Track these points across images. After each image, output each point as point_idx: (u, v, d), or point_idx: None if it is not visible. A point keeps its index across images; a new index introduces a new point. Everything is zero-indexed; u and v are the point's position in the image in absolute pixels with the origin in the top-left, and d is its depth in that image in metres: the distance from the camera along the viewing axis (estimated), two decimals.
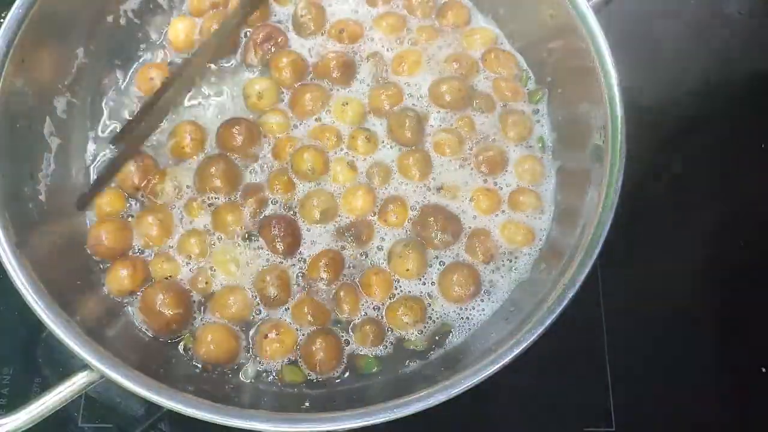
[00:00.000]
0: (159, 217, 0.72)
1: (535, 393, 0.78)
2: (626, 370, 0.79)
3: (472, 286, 0.70)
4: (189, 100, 0.78)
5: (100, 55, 0.78)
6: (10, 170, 0.65)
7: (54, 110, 0.72)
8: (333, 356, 0.67)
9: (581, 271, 0.61)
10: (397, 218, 0.73)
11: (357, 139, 0.75)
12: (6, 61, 0.63)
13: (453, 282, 0.70)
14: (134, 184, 0.73)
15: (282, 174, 0.74)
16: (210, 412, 0.56)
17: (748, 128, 0.92)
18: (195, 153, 0.75)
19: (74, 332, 0.58)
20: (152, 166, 0.74)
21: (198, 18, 0.81)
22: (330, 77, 0.78)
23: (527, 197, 0.74)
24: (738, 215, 0.88)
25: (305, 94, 0.77)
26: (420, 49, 0.80)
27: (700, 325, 0.83)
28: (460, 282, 0.70)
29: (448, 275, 0.71)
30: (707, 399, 0.80)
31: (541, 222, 0.75)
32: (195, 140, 0.75)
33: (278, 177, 0.74)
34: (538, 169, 0.76)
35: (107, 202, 0.73)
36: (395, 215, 0.73)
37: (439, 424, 0.73)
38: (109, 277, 0.70)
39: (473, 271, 0.71)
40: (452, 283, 0.70)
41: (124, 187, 0.74)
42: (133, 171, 0.73)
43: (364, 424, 0.56)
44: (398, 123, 0.76)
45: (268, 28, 0.80)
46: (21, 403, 0.56)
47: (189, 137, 0.75)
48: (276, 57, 0.78)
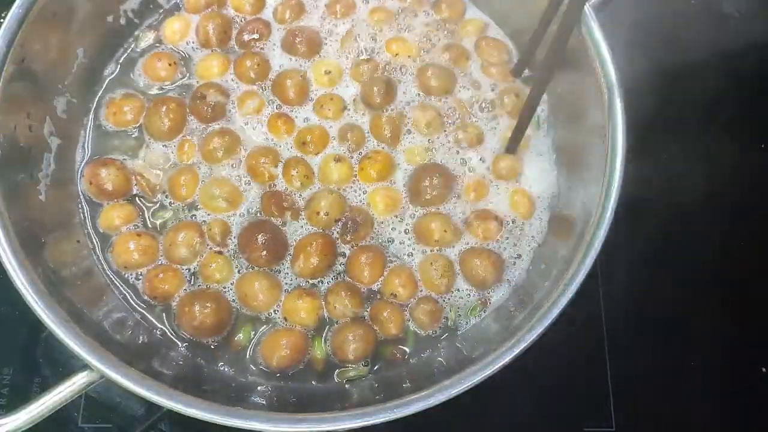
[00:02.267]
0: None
1: (535, 393, 0.78)
2: (626, 370, 0.79)
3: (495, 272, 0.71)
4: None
5: (100, 55, 0.78)
6: (10, 170, 0.65)
7: (54, 110, 0.73)
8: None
9: (581, 271, 0.61)
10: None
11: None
12: (6, 61, 0.63)
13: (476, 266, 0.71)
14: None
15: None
16: (210, 412, 0.56)
17: (749, 128, 0.92)
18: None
19: (74, 332, 0.58)
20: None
21: (194, 15, 0.82)
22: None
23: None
24: (738, 215, 0.87)
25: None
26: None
27: (700, 325, 0.83)
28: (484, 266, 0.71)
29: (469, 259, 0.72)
30: (707, 399, 0.80)
31: (538, 224, 0.75)
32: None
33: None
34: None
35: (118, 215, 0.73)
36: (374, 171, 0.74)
37: (439, 424, 0.73)
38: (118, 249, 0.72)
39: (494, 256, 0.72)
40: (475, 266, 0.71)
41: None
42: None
43: (364, 424, 0.56)
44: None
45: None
46: (21, 403, 0.56)
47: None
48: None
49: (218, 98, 0.76)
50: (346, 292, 0.70)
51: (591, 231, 0.62)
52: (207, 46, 0.80)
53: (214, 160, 0.75)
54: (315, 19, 0.82)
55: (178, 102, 0.77)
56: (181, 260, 0.71)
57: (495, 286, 0.72)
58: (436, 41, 0.81)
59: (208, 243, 0.72)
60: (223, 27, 0.80)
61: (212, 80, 0.79)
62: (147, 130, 0.76)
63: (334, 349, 0.69)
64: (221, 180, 0.74)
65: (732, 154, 0.89)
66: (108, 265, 0.72)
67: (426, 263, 0.72)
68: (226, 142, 0.75)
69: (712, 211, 0.87)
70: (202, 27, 0.80)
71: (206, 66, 0.79)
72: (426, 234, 0.72)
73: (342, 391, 0.68)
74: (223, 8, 0.82)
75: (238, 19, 0.82)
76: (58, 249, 0.67)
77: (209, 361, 0.69)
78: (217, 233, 0.72)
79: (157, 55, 0.79)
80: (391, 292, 0.71)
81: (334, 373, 0.69)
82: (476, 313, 0.71)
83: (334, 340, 0.69)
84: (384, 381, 0.68)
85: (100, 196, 0.73)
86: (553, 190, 0.76)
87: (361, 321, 0.70)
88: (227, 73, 0.79)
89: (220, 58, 0.80)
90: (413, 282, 0.71)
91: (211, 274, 0.71)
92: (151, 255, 0.72)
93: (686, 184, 0.88)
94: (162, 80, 0.79)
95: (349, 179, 0.75)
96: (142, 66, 0.79)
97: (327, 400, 0.66)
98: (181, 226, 0.72)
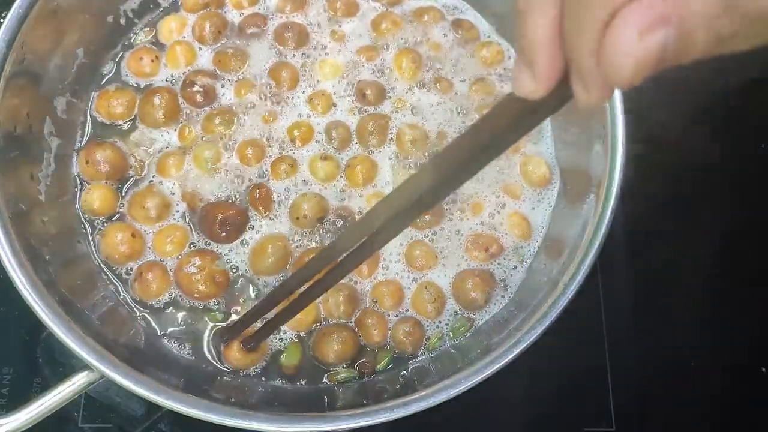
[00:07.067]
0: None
1: (535, 393, 0.78)
2: (626, 370, 0.79)
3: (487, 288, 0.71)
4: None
5: (100, 55, 0.78)
6: (10, 170, 0.65)
7: (54, 110, 0.72)
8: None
9: (581, 270, 0.61)
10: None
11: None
12: (6, 61, 0.63)
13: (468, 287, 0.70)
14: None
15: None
16: (210, 411, 0.56)
17: (748, 128, 0.92)
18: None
19: (74, 332, 0.58)
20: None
21: (191, 14, 0.82)
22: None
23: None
24: (738, 215, 0.87)
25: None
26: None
27: (701, 325, 0.82)
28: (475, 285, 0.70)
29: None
30: (707, 399, 0.80)
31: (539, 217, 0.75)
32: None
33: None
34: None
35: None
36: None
37: (439, 424, 0.73)
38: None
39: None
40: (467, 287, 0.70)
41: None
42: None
43: (364, 424, 0.56)
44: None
45: None
46: (21, 403, 0.56)
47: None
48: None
49: (207, 81, 0.77)
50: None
51: (591, 231, 0.62)
52: (202, 43, 0.81)
53: (217, 133, 0.76)
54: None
55: (169, 90, 0.77)
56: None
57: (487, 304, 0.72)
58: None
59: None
60: (219, 26, 0.81)
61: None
62: (142, 121, 0.77)
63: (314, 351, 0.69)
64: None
65: (733, 151, 0.89)
66: (109, 267, 0.72)
67: (420, 287, 0.71)
68: (225, 118, 0.76)
69: (712, 211, 0.87)
70: (198, 26, 0.81)
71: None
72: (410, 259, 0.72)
73: (336, 393, 0.68)
74: (221, 8, 0.82)
75: (236, 15, 0.82)
76: (59, 249, 0.67)
77: (209, 361, 0.69)
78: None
79: (138, 52, 0.80)
80: (374, 299, 0.70)
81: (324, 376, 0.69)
82: (461, 333, 0.70)
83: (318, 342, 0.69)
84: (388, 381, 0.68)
85: (96, 177, 0.73)
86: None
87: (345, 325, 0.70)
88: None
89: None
90: (400, 295, 0.71)
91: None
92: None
93: (686, 181, 0.88)
94: (147, 76, 0.79)
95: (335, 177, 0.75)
96: (127, 64, 0.80)
97: (326, 400, 0.66)
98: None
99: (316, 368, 0.69)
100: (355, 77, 0.79)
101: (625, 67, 0.26)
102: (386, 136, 0.76)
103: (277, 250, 0.71)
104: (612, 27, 0.26)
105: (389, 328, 0.70)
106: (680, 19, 0.26)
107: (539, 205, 0.75)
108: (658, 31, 0.26)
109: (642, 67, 0.26)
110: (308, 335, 0.70)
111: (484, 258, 0.72)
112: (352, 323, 0.70)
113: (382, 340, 0.69)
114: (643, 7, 0.26)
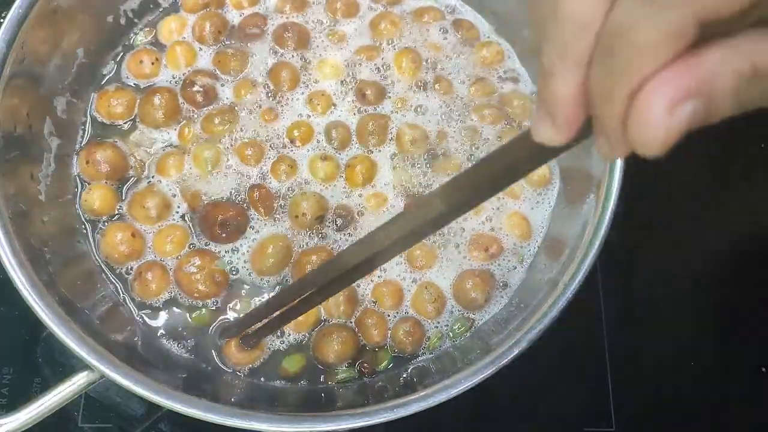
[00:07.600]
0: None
1: (535, 393, 0.78)
2: (626, 370, 0.79)
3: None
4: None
5: (100, 55, 0.78)
6: (10, 170, 0.65)
7: (54, 110, 0.73)
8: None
9: (581, 271, 0.61)
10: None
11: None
12: (6, 61, 0.63)
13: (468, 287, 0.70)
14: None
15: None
16: (210, 412, 0.56)
17: (748, 128, 0.92)
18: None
19: (74, 332, 0.58)
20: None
21: (191, 15, 0.82)
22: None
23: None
24: (738, 215, 0.88)
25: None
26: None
27: (700, 325, 0.83)
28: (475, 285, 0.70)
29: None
30: (707, 399, 0.80)
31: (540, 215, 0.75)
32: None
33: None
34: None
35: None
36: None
37: (439, 424, 0.73)
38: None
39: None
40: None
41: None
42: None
43: (364, 424, 0.56)
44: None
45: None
46: (21, 403, 0.56)
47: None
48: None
49: (207, 81, 0.77)
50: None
51: (591, 231, 0.62)
52: (202, 43, 0.81)
53: (217, 133, 0.76)
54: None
55: (169, 90, 0.77)
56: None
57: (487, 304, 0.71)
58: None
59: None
60: (219, 27, 0.81)
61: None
62: (142, 121, 0.77)
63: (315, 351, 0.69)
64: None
65: (733, 151, 0.89)
66: (109, 267, 0.72)
67: (420, 287, 0.71)
68: (225, 118, 0.76)
69: (713, 211, 0.87)
70: (198, 26, 0.81)
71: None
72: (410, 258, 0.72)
73: (336, 393, 0.68)
74: (221, 8, 0.82)
75: (236, 15, 0.82)
76: (59, 249, 0.67)
77: (209, 361, 0.69)
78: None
79: (138, 54, 0.80)
80: (374, 299, 0.70)
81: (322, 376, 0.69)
82: (461, 333, 0.70)
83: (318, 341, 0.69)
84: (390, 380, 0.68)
85: (96, 177, 0.73)
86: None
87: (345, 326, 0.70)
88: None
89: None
90: (400, 295, 0.71)
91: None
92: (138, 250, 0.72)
93: (686, 181, 0.88)
94: (147, 78, 0.79)
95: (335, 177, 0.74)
96: (127, 66, 0.80)
97: (326, 400, 0.66)
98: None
99: (316, 368, 0.69)
100: (354, 77, 0.79)
101: (654, 139, 0.26)
102: (386, 136, 0.76)
103: (278, 251, 0.71)
104: (641, 100, 0.26)
105: (389, 328, 0.70)
106: (709, 89, 0.26)
107: (539, 205, 0.75)
108: (687, 104, 0.25)
109: (671, 138, 0.26)
110: (310, 340, 0.70)
111: (484, 258, 0.72)
112: (352, 323, 0.70)
113: (382, 340, 0.69)
114: (671, 79, 0.25)
